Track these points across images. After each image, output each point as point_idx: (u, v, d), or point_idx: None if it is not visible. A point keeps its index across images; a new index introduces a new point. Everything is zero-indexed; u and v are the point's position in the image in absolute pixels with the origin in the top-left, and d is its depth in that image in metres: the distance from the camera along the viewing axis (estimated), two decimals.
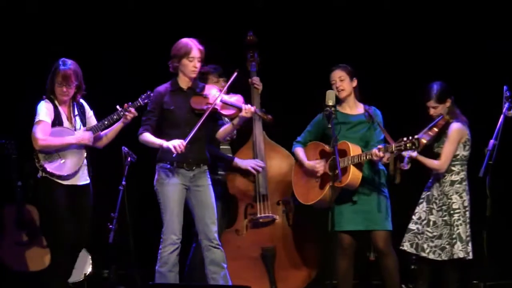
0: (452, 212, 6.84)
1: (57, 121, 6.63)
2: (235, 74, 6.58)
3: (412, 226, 6.93)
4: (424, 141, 6.71)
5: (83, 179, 6.70)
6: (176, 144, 6.33)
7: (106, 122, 6.67)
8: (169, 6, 8.54)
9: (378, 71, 8.13)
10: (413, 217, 6.98)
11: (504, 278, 7.90)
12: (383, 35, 8.39)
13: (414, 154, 6.65)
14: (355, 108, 6.70)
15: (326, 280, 7.66)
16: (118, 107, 6.64)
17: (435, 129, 6.83)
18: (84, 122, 6.75)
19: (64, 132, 6.63)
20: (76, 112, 6.73)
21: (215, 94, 6.53)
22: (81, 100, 6.79)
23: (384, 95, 7.37)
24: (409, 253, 7.06)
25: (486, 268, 6.96)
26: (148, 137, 6.50)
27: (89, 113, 6.82)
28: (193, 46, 6.56)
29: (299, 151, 6.80)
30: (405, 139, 6.24)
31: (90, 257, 7.95)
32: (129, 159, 6.65)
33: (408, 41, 8.35)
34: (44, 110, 6.60)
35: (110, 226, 6.27)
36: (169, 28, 7.15)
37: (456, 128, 6.84)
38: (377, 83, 7.86)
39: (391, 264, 6.53)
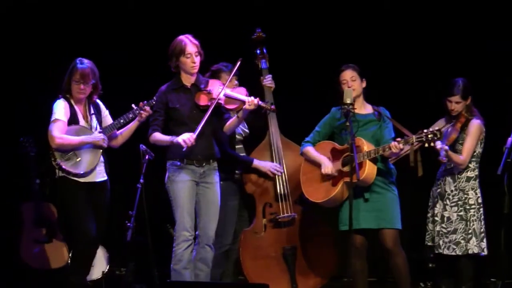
0: (468, 207, 6.87)
1: (73, 120, 6.64)
2: (239, 62, 6.56)
3: (438, 227, 6.94)
4: (454, 136, 6.79)
5: (101, 176, 6.71)
6: (186, 138, 6.33)
7: (121, 121, 6.68)
8: (170, 5, 8.55)
9: (380, 71, 8.09)
10: (436, 218, 6.97)
11: None
12: (383, 35, 8.39)
13: (446, 147, 6.66)
14: (363, 108, 6.66)
15: (344, 278, 7.65)
16: (133, 105, 6.64)
17: (459, 125, 6.86)
18: (100, 121, 6.76)
19: (80, 131, 6.64)
20: (92, 111, 6.74)
21: (218, 88, 6.49)
22: (97, 100, 6.80)
23: (386, 95, 7.30)
24: (426, 251, 7.03)
25: (503, 266, 6.93)
26: (158, 136, 6.52)
27: (105, 112, 6.84)
28: (187, 42, 6.54)
29: (311, 149, 6.72)
30: (425, 130, 6.20)
31: (108, 255, 7.95)
32: (146, 157, 6.64)
33: (413, 41, 8.35)
34: (61, 109, 6.60)
35: (128, 224, 6.26)
36: (170, 27, 7.11)
37: (477, 124, 6.87)
38: (379, 83, 7.80)
39: (400, 263, 6.48)
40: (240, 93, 6.47)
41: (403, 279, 6.49)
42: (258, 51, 7.28)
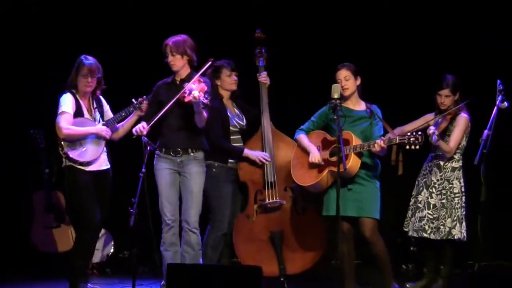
0: (453, 196, 6.94)
1: (78, 113, 6.76)
2: (209, 62, 6.62)
3: (422, 213, 7.03)
4: (445, 125, 6.94)
5: (104, 164, 6.89)
6: (137, 127, 6.51)
7: (123, 114, 6.85)
8: (170, 4, 8.57)
9: (380, 72, 8.14)
10: (419, 205, 7.06)
11: (496, 259, 7.93)
12: (383, 36, 8.40)
13: (435, 138, 6.72)
14: (357, 105, 6.74)
15: (332, 260, 7.75)
16: (133, 99, 6.81)
17: (449, 116, 6.98)
18: (102, 114, 6.91)
19: (85, 123, 6.77)
20: (95, 105, 6.88)
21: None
22: (100, 97, 6.95)
23: (381, 94, 7.38)
24: (409, 235, 7.15)
25: (480, 250, 7.02)
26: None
27: (106, 107, 6.99)
28: (164, 44, 6.69)
29: (303, 137, 6.83)
30: (408, 133, 6.32)
31: (112, 239, 8.03)
32: (148, 148, 6.71)
33: (407, 39, 8.36)
34: (67, 102, 6.73)
35: (131, 210, 6.31)
36: (171, 27, 7.14)
37: (464, 118, 6.97)
38: (379, 82, 7.87)
39: (379, 251, 6.60)
40: (196, 89, 6.43)
41: (384, 264, 6.62)
42: (257, 51, 7.35)
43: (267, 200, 7.14)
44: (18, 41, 8.57)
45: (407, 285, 7.13)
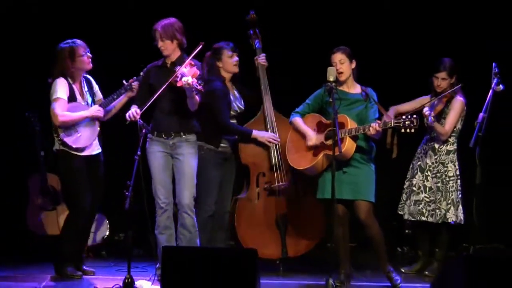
0: (448, 179, 6.99)
1: (71, 97, 6.77)
2: (200, 46, 6.57)
3: (418, 197, 7.04)
4: (440, 107, 6.98)
5: (96, 148, 6.92)
6: (130, 112, 6.51)
7: (115, 96, 6.88)
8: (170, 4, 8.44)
9: (372, 53, 8.11)
10: (414, 188, 7.09)
11: (491, 242, 7.94)
12: (383, 35, 8.40)
13: (430, 119, 6.74)
14: (353, 88, 6.72)
15: (327, 243, 7.74)
16: (124, 81, 6.84)
17: (445, 99, 7.01)
18: (93, 96, 6.92)
19: (78, 108, 6.78)
20: (86, 88, 6.88)
21: (180, 68, 6.50)
22: (88, 76, 6.94)
23: (379, 78, 7.36)
24: (404, 219, 7.15)
25: (475, 232, 7.03)
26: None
27: (96, 87, 6.99)
28: (154, 29, 6.67)
29: (299, 120, 6.81)
30: (404, 117, 6.30)
31: (107, 222, 8.02)
32: (144, 131, 6.71)
33: (403, 24, 8.36)
34: (61, 88, 6.73)
35: (126, 193, 6.31)
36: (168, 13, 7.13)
37: (460, 101, 7.00)
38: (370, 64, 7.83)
39: (374, 233, 6.59)
40: (188, 73, 6.42)
41: (379, 247, 6.61)
42: (251, 32, 7.32)
43: (276, 183, 7.12)
44: (18, 41, 8.52)
45: (402, 269, 7.17)
